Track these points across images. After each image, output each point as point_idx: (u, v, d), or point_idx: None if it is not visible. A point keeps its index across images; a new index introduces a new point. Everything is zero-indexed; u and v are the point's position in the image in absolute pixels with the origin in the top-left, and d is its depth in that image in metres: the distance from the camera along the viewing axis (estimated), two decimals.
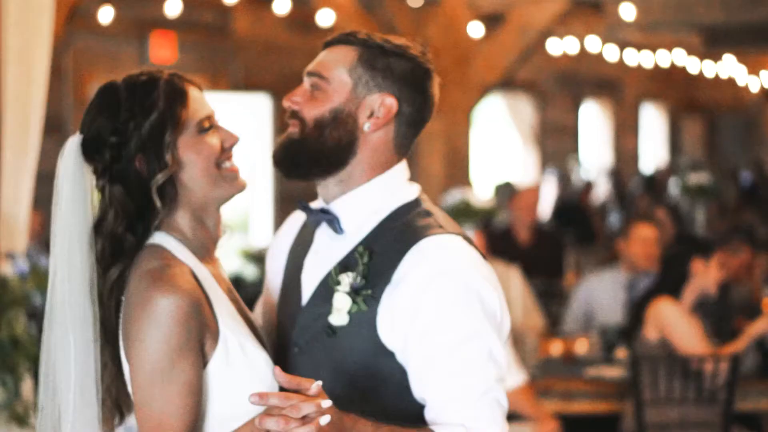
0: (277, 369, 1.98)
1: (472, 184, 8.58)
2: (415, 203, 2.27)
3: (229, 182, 2.26)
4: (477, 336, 2.13)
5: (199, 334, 2.13)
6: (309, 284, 2.28)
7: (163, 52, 9.92)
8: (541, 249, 7.78)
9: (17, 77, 4.94)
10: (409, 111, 2.25)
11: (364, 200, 2.25)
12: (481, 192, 11.71)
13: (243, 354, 2.17)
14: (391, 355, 2.16)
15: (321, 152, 2.22)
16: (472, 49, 8.12)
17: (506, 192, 9.08)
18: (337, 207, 2.26)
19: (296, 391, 1.96)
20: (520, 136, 13.96)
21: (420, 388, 2.15)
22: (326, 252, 2.27)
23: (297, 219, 2.46)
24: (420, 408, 2.17)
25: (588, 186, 13.59)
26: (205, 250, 2.27)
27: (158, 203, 2.19)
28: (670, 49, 11.20)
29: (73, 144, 2.23)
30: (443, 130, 7.94)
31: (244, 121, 10.53)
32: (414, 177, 2.36)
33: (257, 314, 2.49)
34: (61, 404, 2.20)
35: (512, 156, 14.24)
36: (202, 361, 2.15)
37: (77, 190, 2.21)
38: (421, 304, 2.13)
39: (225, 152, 2.26)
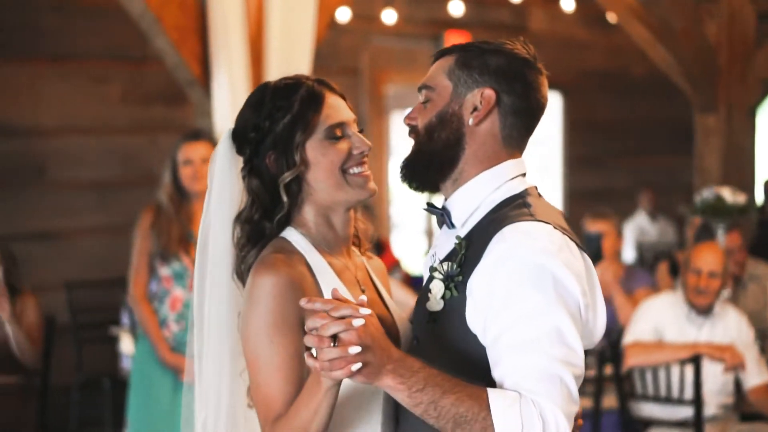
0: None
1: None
2: (519, 196, 2.34)
3: (354, 187, 2.39)
4: (545, 314, 2.14)
5: (299, 313, 2.22)
6: (425, 279, 2.42)
7: None
8: None
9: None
10: (510, 100, 2.34)
11: (471, 194, 2.34)
12: None
13: None
14: (475, 338, 2.22)
15: (433, 154, 2.35)
16: (754, 44, 7.92)
17: None
18: (450, 203, 2.38)
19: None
20: None
21: (493, 368, 2.18)
22: (440, 247, 2.39)
23: None
24: None
25: None
26: (328, 246, 2.41)
27: (285, 198, 2.37)
28: None
29: (226, 135, 2.46)
30: (720, 127, 7.75)
31: None
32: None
33: None
34: (207, 375, 2.41)
35: None
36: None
37: (225, 177, 2.43)
38: (494, 283, 2.19)
39: (353, 158, 2.40)
